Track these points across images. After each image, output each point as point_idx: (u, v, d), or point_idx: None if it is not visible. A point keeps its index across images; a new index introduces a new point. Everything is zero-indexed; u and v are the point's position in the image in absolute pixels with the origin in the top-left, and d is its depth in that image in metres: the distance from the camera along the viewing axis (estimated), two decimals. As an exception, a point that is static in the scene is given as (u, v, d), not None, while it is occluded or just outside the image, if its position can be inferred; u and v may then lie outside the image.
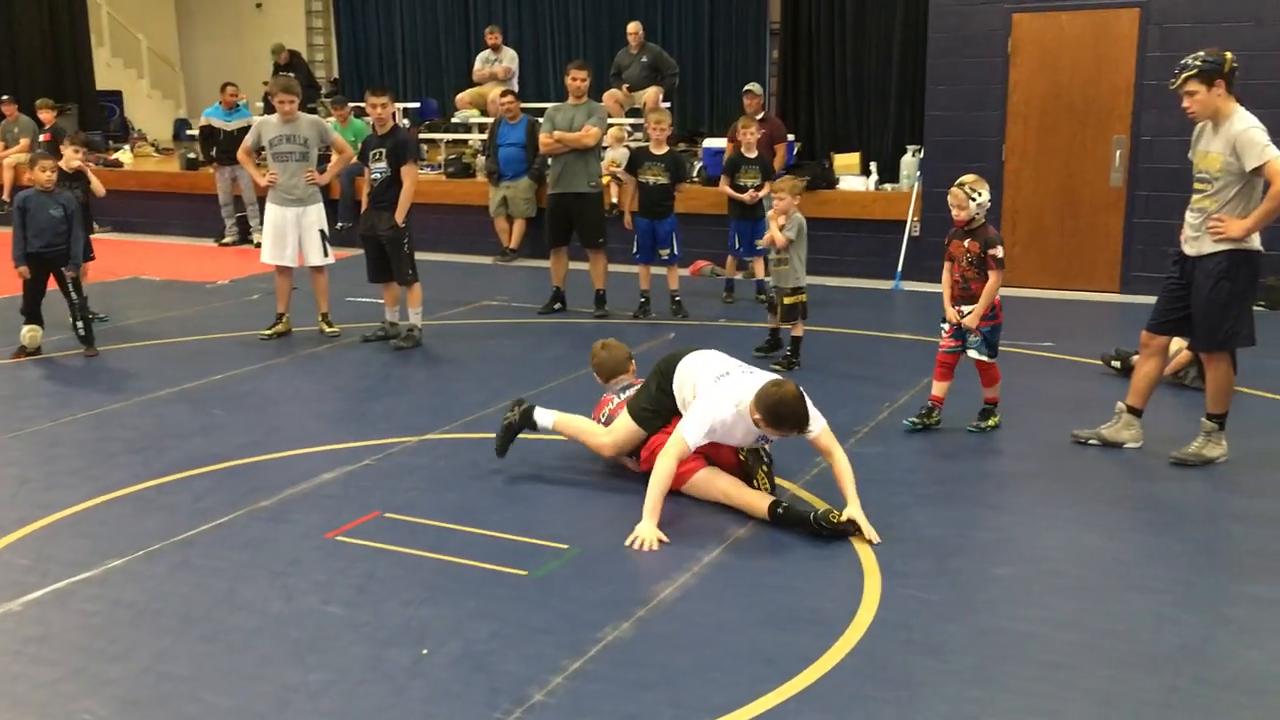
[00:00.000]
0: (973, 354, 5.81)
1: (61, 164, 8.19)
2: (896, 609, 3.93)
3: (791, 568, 4.31)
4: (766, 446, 4.94)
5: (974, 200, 5.65)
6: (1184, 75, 5.11)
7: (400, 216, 7.69)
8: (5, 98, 14.18)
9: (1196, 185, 5.27)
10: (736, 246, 9.15)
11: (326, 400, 6.80)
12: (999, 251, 5.66)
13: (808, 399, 4.58)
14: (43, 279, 7.66)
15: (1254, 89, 5.10)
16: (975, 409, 5.93)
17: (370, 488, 5.16)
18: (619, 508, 4.89)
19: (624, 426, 5.12)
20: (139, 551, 4.46)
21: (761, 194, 8.70)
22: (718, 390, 4.70)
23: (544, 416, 5.30)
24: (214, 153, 12.59)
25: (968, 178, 5.76)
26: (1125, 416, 5.62)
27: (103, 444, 5.84)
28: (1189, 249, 5.28)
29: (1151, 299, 5.72)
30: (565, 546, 4.47)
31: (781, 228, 6.98)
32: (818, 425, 4.66)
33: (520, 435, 5.31)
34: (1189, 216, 5.30)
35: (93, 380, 7.19)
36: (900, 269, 10.20)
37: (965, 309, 5.75)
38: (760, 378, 4.73)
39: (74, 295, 7.62)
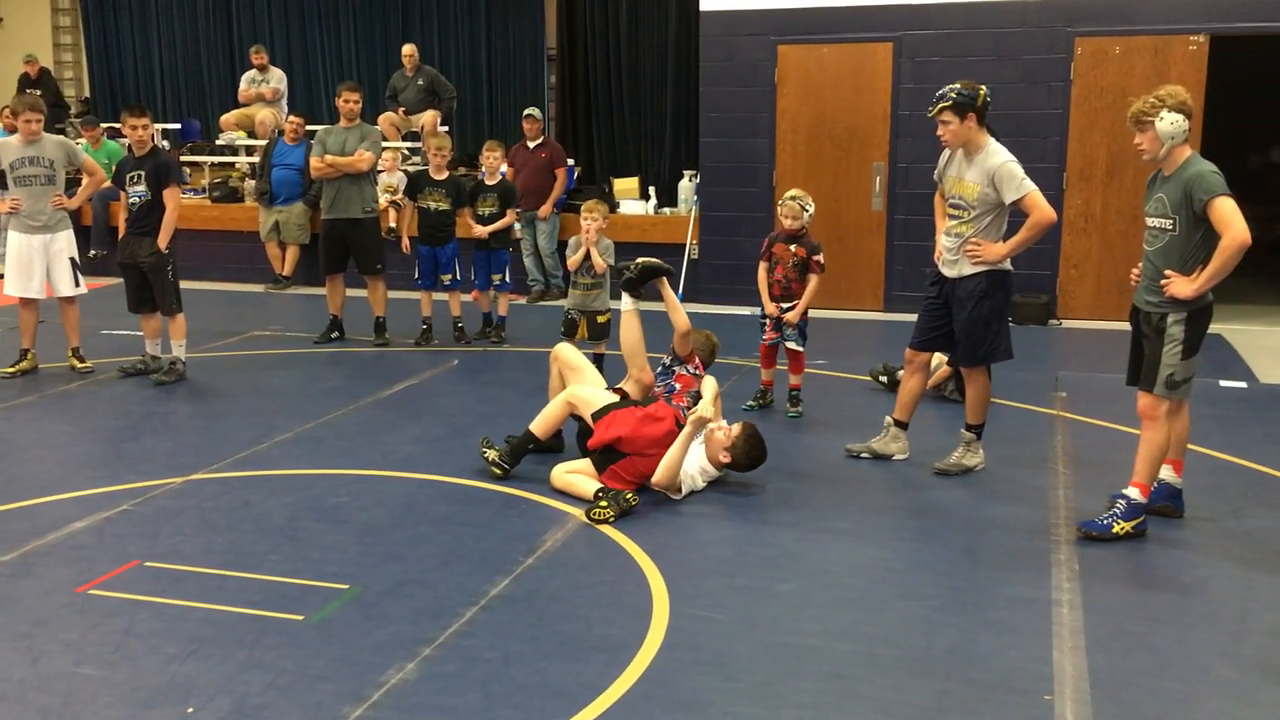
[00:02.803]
0: (790, 345, 6.60)
1: None
2: (685, 630, 3.96)
3: (579, 595, 4.28)
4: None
5: (806, 211, 6.52)
6: (939, 105, 5.36)
7: (163, 242, 7.29)
8: None
9: (951, 211, 5.53)
10: (472, 278, 8.66)
11: (79, 442, 6.30)
12: (822, 257, 6.60)
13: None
14: None
15: (993, 118, 5.44)
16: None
17: (128, 535, 4.81)
18: (401, 543, 4.74)
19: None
20: None
21: (499, 226, 8.48)
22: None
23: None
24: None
25: (798, 192, 6.61)
26: (893, 429, 5.89)
27: None
28: (948, 271, 5.56)
29: (912, 316, 6.03)
30: (345, 586, 4.29)
31: (588, 254, 7.00)
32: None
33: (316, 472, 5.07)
34: (945, 240, 5.57)
35: None
36: (680, 291, 10.40)
37: (784, 306, 6.57)
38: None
39: None
